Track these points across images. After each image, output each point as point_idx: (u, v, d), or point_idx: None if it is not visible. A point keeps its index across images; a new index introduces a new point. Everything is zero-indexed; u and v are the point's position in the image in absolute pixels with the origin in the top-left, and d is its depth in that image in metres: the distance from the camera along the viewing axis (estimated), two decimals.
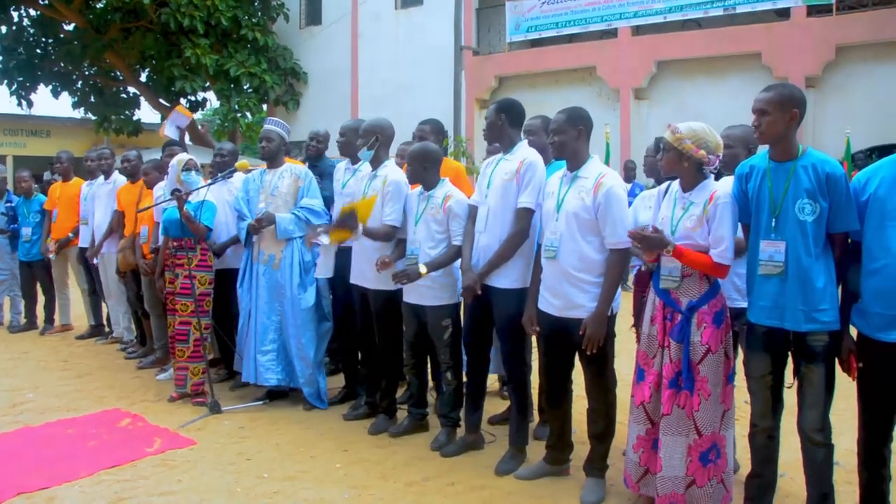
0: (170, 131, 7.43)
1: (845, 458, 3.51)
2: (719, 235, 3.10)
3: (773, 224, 3.02)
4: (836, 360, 3.05)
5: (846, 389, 3.07)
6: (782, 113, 2.97)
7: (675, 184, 3.33)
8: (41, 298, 7.89)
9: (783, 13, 12.91)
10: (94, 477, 3.90)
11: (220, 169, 5.50)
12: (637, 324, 4.02)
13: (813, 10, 12.46)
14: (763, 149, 3.21)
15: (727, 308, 3.22)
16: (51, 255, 7.42)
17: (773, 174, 3.05)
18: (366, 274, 4.49)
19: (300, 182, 5.04)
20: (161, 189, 5.75)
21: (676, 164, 3.22)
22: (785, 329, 3.03)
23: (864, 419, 3.00)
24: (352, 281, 4.64)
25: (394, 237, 4.39)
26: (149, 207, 5.50)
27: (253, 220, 4.97)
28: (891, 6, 11.98)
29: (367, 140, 4.46)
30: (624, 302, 3.70)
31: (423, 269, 4.01)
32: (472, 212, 4.06)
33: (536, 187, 3.79)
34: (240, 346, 5.19)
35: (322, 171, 5.53)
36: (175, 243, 5.14)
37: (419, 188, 4.28)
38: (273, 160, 5.09)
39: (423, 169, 4.18)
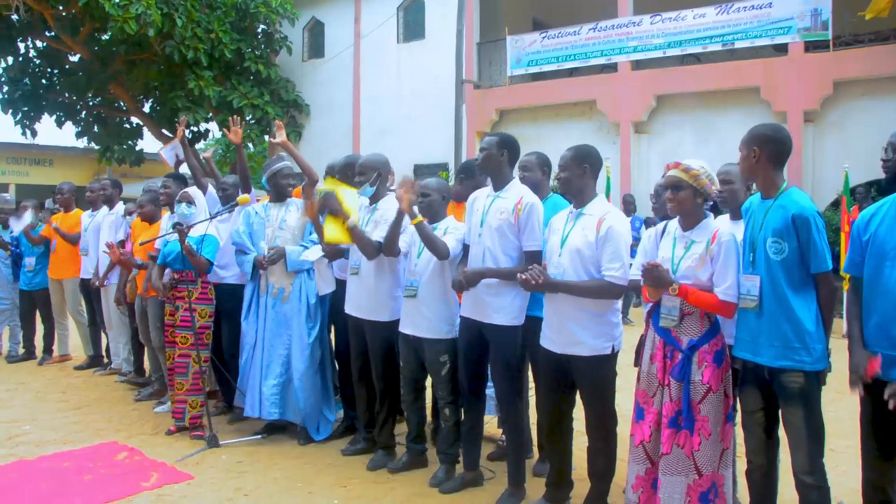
0: (168, 156, 7.12)
1: (851, 497, 3.48)
2: (724, 273, 3.10)
3: (752, 258, 3.08)
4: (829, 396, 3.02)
5: (850, 426, 3.04)
6: (748, 150, 3.10)
7: (673, 223, 3.34)
8: (40, 328, 7.86)
9: (781, 48, 13.04)
10: None
11: (225, 202, 5.53)
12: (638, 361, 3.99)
13: (810, 46, 12.59)
14: None
15: (727, 347, 3.21)
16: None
17: (756, 211, 3.12)
18: (362, 305, 4.50)
19: None
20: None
21: (691, 202, 3.19)
22: (760, 364, 3.02)
23: (867, 459, 2.97)
24: (347, 311, 4.63)
25: (375, 254, 4.33)
26: (150, 241, 5.50)
27: (259, 254, 5.00)
28: (886, 43, 12.12)
29: (369, 176, 4.48)
30: (626, 337, 3.68)
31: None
32: (465, 249, 4.06)
33: (539, 227, 3.80)
34: (242, 380, 5.16)
35: None
36: (176, 276, 5.15)
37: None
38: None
39: (441, 201, 4.23)
